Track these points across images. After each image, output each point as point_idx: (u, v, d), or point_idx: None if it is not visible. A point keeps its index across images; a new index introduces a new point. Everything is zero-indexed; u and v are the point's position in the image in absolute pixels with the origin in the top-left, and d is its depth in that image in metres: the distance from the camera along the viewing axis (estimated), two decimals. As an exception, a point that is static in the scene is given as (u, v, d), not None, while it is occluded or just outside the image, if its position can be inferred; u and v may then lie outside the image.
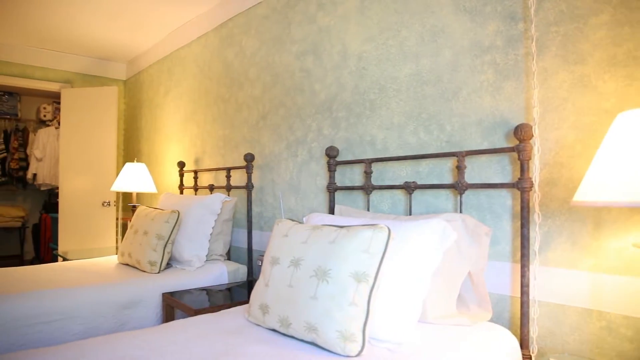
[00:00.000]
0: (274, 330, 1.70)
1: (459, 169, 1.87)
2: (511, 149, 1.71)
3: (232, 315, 1.94)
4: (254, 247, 3.11)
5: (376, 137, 2.33)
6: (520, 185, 1.66)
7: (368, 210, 2.27)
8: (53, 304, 2.29)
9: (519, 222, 1.74)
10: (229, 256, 3.26)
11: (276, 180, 2.98)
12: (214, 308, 2.30)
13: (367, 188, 2.25)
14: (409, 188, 2.06)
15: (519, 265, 1.75)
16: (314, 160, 2.70)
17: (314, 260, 1.58)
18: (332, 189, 2.43)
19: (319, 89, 2.68)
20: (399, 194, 2.22)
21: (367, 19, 2.39)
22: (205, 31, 3.86)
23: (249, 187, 3.04)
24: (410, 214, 2.08)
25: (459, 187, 1.87)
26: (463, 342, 1.55)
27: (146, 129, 4.94)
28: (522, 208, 1.66)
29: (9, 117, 6.56)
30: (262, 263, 2.83)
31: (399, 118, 2.22)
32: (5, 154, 6.54)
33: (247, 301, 2.40)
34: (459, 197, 1.91)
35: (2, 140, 6.54)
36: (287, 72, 2.93)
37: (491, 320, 1.82)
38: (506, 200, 1.81)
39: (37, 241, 6.67)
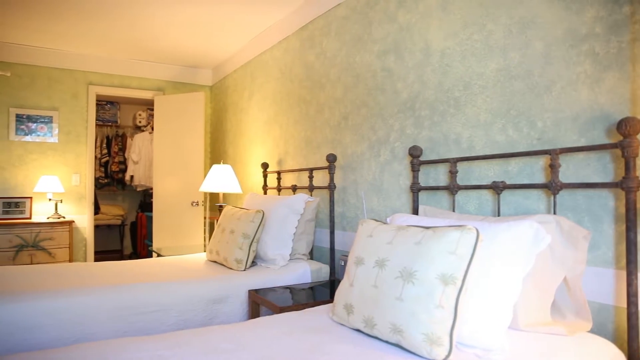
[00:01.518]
0: (358, 330, 1.70)
1: (553, 167, 1.76)
2: (614, 146, 1.58)
3: (316, 314, 1.97)
4: (337, 247, 3.13)
5: (461, 136, 2.25)
6: (626, 185, 1.52)
7: (453, 211, 2.21)
8: (151, 296, 2.46)
9: (624, 225, 1.60)
10: (311, 255, 3.31)
11: (358, 181, 2.99)
12: (297, 306, 2.34)
13: (453, 188, 2.19)
14: (497, 188, 1.97)
15: (624, 272, 1.61)
16: (396, 160, 2.67)
17: (400, 261, 1.56)
18: (415, 189, 2.39)
19: (400, 88, 2.65)
20: (486, 195, 2.13)
21: (450, 14, 2.33)
22: (286, 35, 3.95)
23: (331, 187, 3.07)
24: (498, 215, 1.99)
25: (552, 187, 1.76)
26: (560, 353, 1.46)
27: (231, 132, 5.15)
28: (627, 210, 1.53)
29: (110, 124, 7.15)
30: (345, 263, 2.85)
31: (486, 115, 2.13)
32: (107, 158, 7.13)
33: (329, 300, 2.43)
34: (552, 198, 1.79)
35: (105, 145, 7.13)
36: (368, 72, 2.92)
37: (591, 331, 1.68)
38: (608, 201, 1.67)
39: (134, 237, 7.19)
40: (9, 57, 4.85)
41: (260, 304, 2.55)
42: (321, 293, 2.72)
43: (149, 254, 6.04)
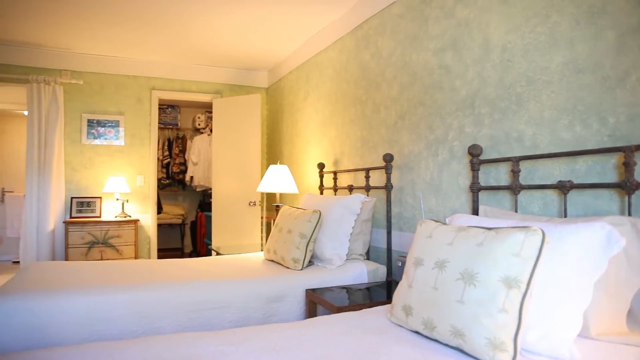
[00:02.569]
0: (416, 332, 1.68)
1: (627, 165, 1.66)
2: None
3: (374, 315, 1.96)
4: (393, 247, 3.10)
5: (524, 133, 2.17)
6: None
7: (516, 211, 2.13)
8: (212, 293, 2.53)
9: None
10: (368, 256, 3.29)
11: (416, 181, 2.94)
12: (354, 306, 2.34)
13: (515, 188, 2.11)
14: (563, 188, 1.88)
15: None
16: (455, 160, 2.61)
17: (460, 262, 1.52)
18: (475, 189, 2.32)
19: (459, 86, 2.58)
20: (552, 195, 2.03)
21: (511, 7, 2.24)
22: (340, 35, 3.96)
23: (388, 187, 3.05)
24: (565, 216, 1.90)
25: (626, 186, 1.66)
26: (636, 362, 1.37)
27: (287, 133, 5.22)
28: None
29: (171, 127, 7.44)
30: (402, 264, 2.82)
31: (551, 112, 2.04)
32: (169, 159, 7.43)
33: (387, 301, 2.41)
34: (626, 198, 1.69)
35: (166, 147, 7.43)
36: (425, 70, 2.87)
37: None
38: (689, 201, 1.56)
39: (194, 236, 7.44)
40: (81, 66, 5.18)
41: (317, 303, 2.56)
42: (378, 294, 2.70)
43: (208, 252, 6.23)
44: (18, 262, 7.03)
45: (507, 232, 1.47)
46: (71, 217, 5.03)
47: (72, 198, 5.10)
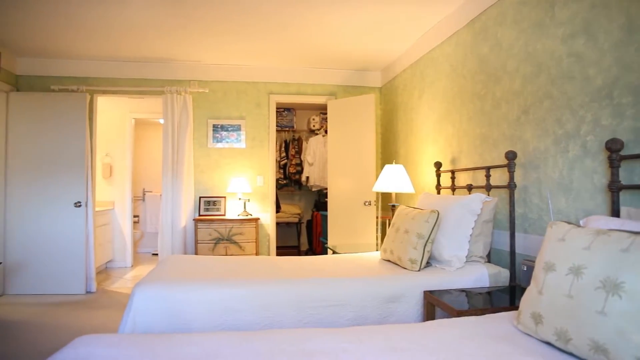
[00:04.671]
0: (547, 343, 1.56)
1: None
2: None
3: (498, 321, 1.86)
4: (517, 250, 2.91)
5: (676, 124, 1.90)
6: None
7: (667, 213, 1.88)
8: (331, 291, 2.59)
9: None
10: (489, 258, 3.13)
11: (542, 179, 2.73)
12: (476, 311, 2.24)
13: (665, 186, 1.86)
14: None
15: None
16: (589, 156, 2.37)
17: (601, 269, 1.38)
18: (615, 188, 2.09)
19: (593, 74, 2.34)
20: None
21: (660, -18, 1.98)
22: (456, 29, 3.81)
23: (511, 186, 2.87)
24: None
25: None
26: None
27: (402, 132, 5.16)
28: None
29: (287, 129, 7.76)
30: (527, 268, 2.64)
31: None
32: (286, 160, 7.75)
33: (510, 307, 2.27)
34: None
35: (283, 149, 7.76)
36: (551, 60, 2.65)
37: None
38: None
39: (310, 235, 7.68)
40: (207, 76, 5.64)
41: (436, 305, 2.50)
42: (501, 299, 2.56)
43: (324, 251, 6.38)
44: (156, 254, 7.84)
45: (659, 236, 1.30)
46: (200, 215, 5.48)
47: (200, 197, 5.56)
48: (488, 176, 3.16)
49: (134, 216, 7.81)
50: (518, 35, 2.97)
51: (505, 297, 2.58)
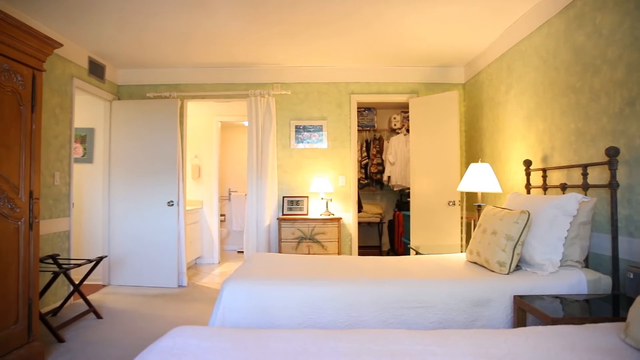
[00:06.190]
0: (661, 358, 1.41)
1: None
2: None
3: (601, 332, 1.72)
4: (621, 255, 2.67)
5: None
6: None
7: None
8: (415, 292, 2.55)
9: None
10: (587, 263, 2.90)
11: (649, 177, 2.49)
12: (573, 319, 2.08)
13: None
14: None
15: None
16: None
17: None
18: None
19: None
20: None
21: None
22: (546, 18, 3.58)
23: (613, 185, 2.64)
24: None
25: None
26: None
27: (488, 129, 4.94)
28: None
29: (368, 128, 7.73)
30: (634, 275, 2.42)
31: None
32: (367, 160, 7.72)
33: (613, 317, 2.08)
34: None
35: (364, 148, 7.74)
36: (661, 46, 2.41)
37: None
38: None
39: (392, 235, 7.58)
40: (289, 78, 5.78)
41: (527, 311, 2.36)
42: (602, 308, 2.37)
43: (406, 251, 6.28)
44: (241, 251, 8.16)
45: None
46: (283, 215, 5.62)
47: (283, 197, 5.70)
48: (585, 174, 2.94)
49: (221, 215, 8.17)
50: (622, 18, 2.73)
51: (607, 307, 2.39)
